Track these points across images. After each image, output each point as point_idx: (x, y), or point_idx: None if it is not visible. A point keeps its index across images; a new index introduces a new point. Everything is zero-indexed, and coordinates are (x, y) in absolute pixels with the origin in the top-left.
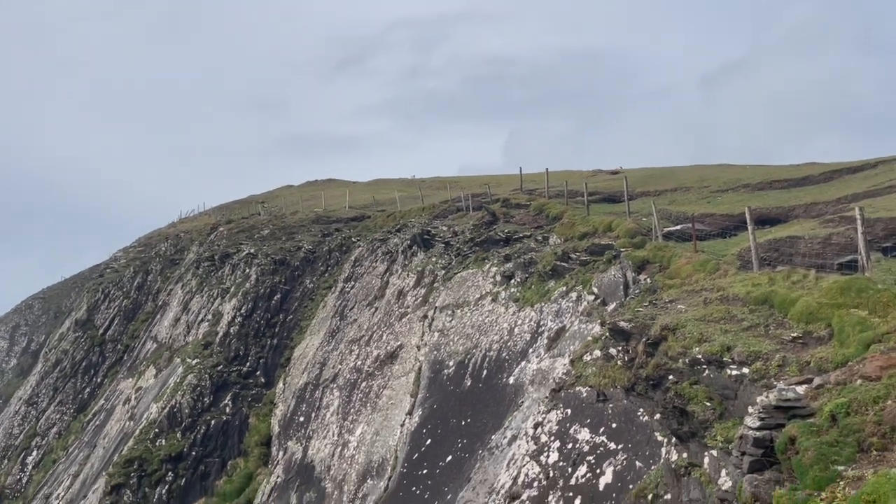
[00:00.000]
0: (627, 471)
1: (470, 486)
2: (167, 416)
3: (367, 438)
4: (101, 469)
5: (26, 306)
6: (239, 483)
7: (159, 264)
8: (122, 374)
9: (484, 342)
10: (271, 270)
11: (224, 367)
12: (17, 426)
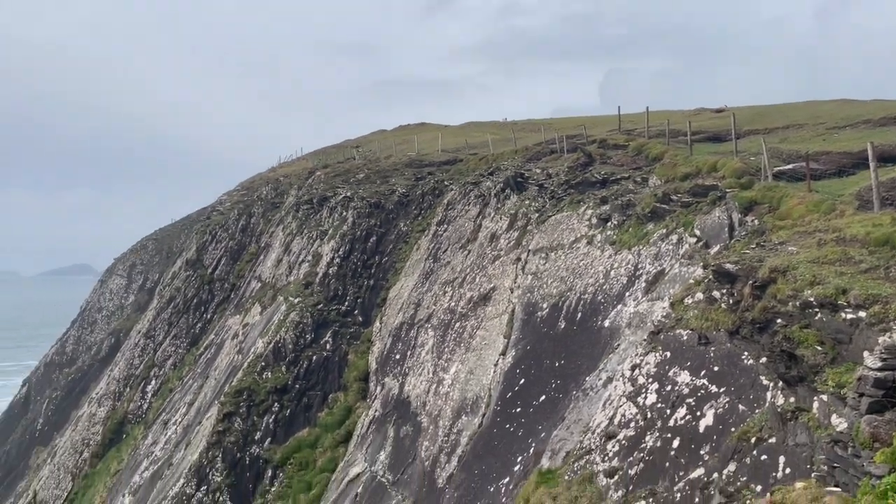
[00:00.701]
0: (729, 414)
1: (564, 426)
2: (272, 350)
3: (462, 377)
4: (213, 398)
5: (141, 246)
6: (339, 415)
7: (261, 207)
8: (229, 311)
9: (578, 285)
10: (367, 213)
11: (324, 305)
12: (137, 357)
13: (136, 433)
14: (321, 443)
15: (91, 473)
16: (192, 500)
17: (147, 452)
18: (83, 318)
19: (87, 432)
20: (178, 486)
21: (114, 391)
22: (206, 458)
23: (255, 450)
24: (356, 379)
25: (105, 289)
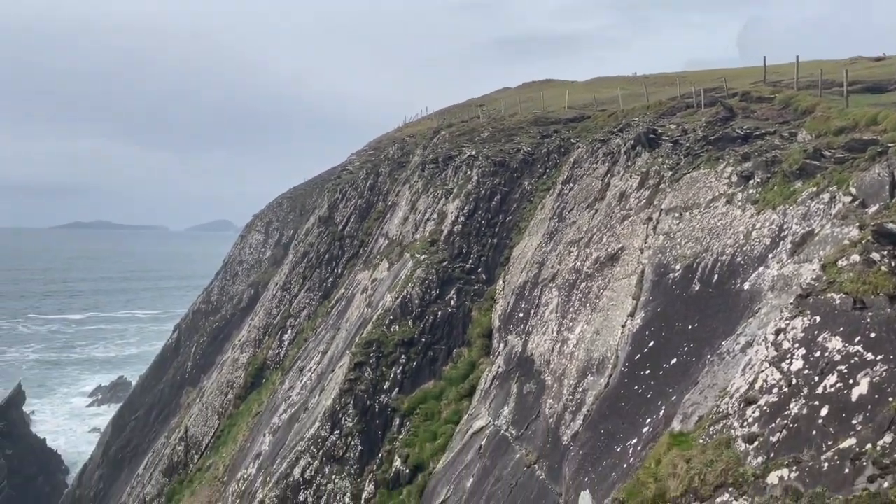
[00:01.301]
0: (887, 383)
1: (697, 390)
2: (399, 305)
3: (587, 337)
4: (344, 349)
5: (277, 204)
6: (463, 370)
7: (388, 167)
8: (358, 266)
9: (715, 246)
10: (491, 172)
11: (449, 263)
12: (274, 308)
13: (275, 378)
14: (446, 395)
15: (235, 413)
16: (327, 442)
17: (284, 397)
18: (226, 271)
19: (231, 375)
20: (313, 428)
21: (254, 339)
22: (339, 405)
23: (384, 399)
24: (479, 335)
25: (245, 244)
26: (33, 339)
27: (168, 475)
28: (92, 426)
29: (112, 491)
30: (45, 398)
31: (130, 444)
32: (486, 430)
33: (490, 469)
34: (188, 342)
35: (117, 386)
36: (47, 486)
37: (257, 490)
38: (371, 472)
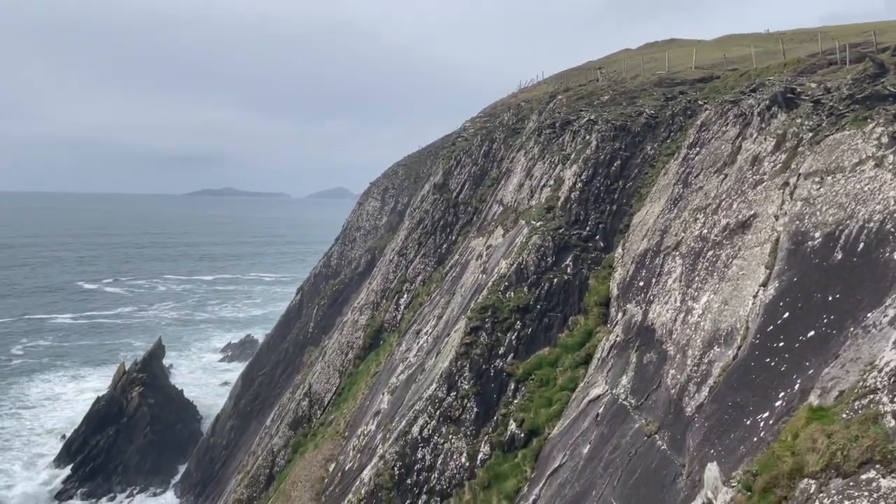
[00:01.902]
0: None
1: (837, 363)
2: (515, 271)
3: (714, 307)
4: (459, 313)
5: (392, 172)
6: (579, 338)
7: (502, 133)
8: (472, 233)
9: (861, 213)
10: (611, 137)
11: (565, 230)
12: (391, 273)
13: (392, 340)
14: (561, 362)
15: (354, 372)
16: (443, 403)
17: (402, 358)
18: (344, 236)
19: (350, 336)
20: (430, 389)
21: (372, 301)
22: (455, 367)
23: (499, 363)
24: (596, 303)
25: (362, 210)
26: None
27: (294, 428)
28: (223, 380)
29: (242, 440)
30: (181, 353)
31: (258, 397)
32: (604, 399)
33: (608, 437)
34: (310, 304)
35: (245, 343)
36: (185, 433)
37: (377, 445)
38: (486, 433)
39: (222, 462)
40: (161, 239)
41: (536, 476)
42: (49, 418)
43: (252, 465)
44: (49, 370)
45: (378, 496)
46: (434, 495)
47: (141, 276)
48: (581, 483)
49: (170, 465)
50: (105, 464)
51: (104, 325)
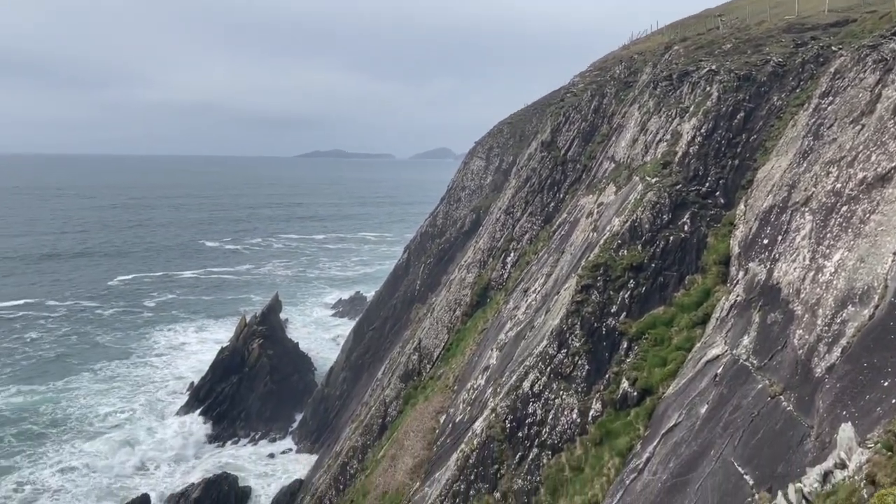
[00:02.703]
0: None
1: None
2: (628, 229)
3: (848, 265)
4: (569, 271)
5: (497, 130)
6: (696, 297)
7: (613, 87)
8: (581, 191)
9: None
10: (734, 87)
11: (682, 186)
12: (498, 231)
13: (498, 298)
14: (676, 322)
15: (462, 329)
16: (554, 360)
17: (510, 315)
18: (450, 196)
19: (458, 294)
20: (541, 346)
21: (479, 260)
22: (566, 325)
23: (611, 322)
24: (715, 262)
25: (467, 170)
26: (284, 256)
27: (404, 381)
28: (334, 334)
29: (354, 391)
30: (296, 307)
31: (369, 351)
32: (723, 359)
33: (727, 398)
34: (416, 262)
35: (354, 300)
36: (301, 383)
37: (488, 399)
38: (598, 391)
39: (336, 411)
40: (275, 200)
41: (650, 434)
42: (177, 366)
43: (365, 414)
44: (176, 322)
45: (490, 447)
46: (545, 449)
47: (257, 235)
48: (698, 442)
49: (287, 413)
50: (230, 410)
51: (224, 280)
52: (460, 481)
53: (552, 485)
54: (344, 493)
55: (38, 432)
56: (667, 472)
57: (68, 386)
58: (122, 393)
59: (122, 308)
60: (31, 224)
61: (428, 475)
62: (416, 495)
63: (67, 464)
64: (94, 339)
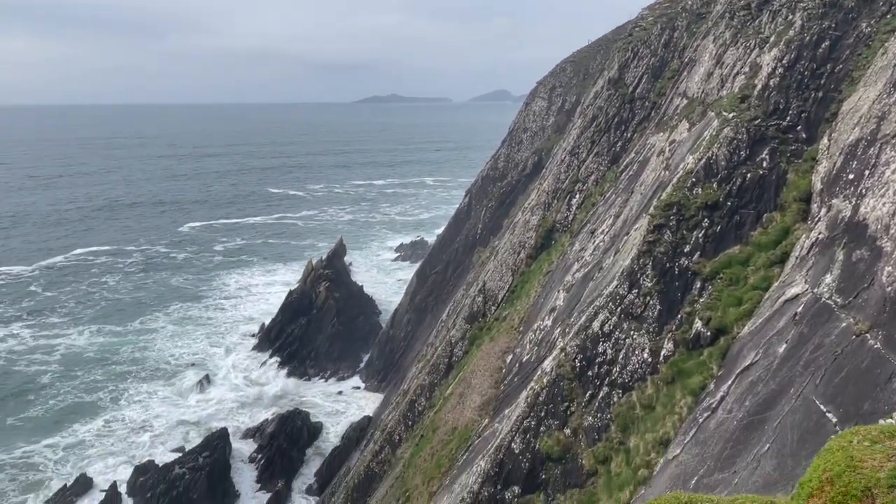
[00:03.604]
0: None
1: None
2: (703, 167)
3: None
4: (639, 211)
5: (560, 69)
6: (774, 235)
7: (685, 19)
8: (649, 129)
9: None
10: (819, 14)
11: (761, 121)
12: (563, 173)
13: (563, 240)
14: (753, 261)
15: (526, 271)
16: (625, 300)
17: (576, 257)
18: (511, 138)
19: (522, 237)
20: (611, 286)
21: (543, 202)
22: (637, 265)
23: (684, 261)
24: (795, 199)
25: (529, 111)
26: (345, 202)
27: (469, 322)
28: (397, 278)
29: (418, 333)
30: (359, 252)
31: (432, 294)
32: (803, 298)
33: (807, 337)
34: (478, 206)
35: (415, 244)
36: (366, 325)
37: (556, 339)
38: (670, 331)
39: (401, 352)
40: (334, 147)
41: (724, 374)
42: (246, 309)
43: (431, 354)
44: (244, 266)
45: (560, 385)
46: (615, 387)
47: (318, 182)
48: (776, 381)
49: (354, 353)
50: (299, 350)
51: (289, 226)
52: (531, 418)
53: (623, 422)
54: (412, 428)
55: (121, 371)
56: (742, 410)
57: (145, 327)
58: (195, 334)
59: (193, 253)
60: (105, 174)
61: (497, 412)
62: (485, 431)
63: (148, 401)
64: (167, 283)
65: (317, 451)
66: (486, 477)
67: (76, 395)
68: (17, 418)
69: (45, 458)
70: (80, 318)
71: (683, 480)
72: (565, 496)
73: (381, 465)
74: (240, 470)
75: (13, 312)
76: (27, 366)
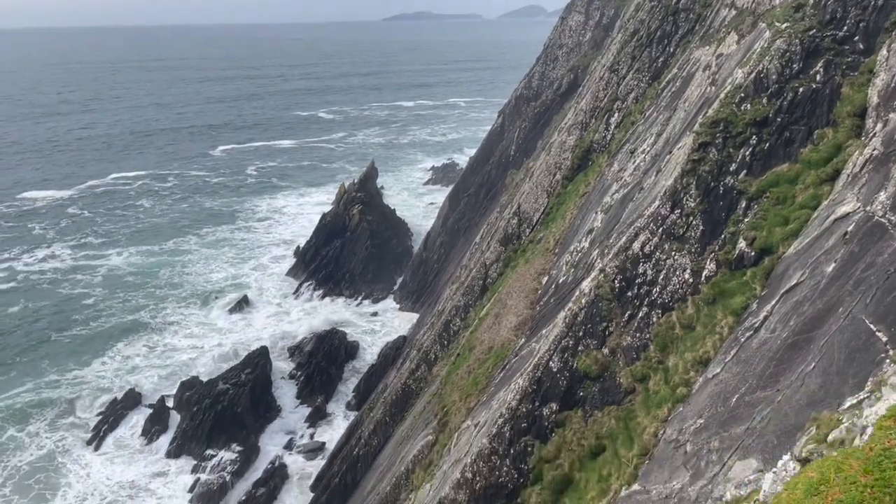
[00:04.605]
0: None
1: None
2: (752, 81)
3: None
4: (683, 129)
5: None
6: (826, 152)
7: None
8: (693, 43)
9: None
10: None
11: (817, 31)
12: (601, 91)
13: (601, 161)
14: (802, 179)
15: (562, 193)
16: (667, 220)
17: (615, 177)
18: (546, 56)
19: (558, 157)
20: (652, 207)
21: (580, 122)
22: (680, 185)
23: (730, 180)
24: (849, 114)
25: (564, 26)
26: (376, 124)
27: (504, 244)
28: (429, 201)
29: (451, 255)
30: (391, 174)
31: (465, 217)
32: (854, 217)
33: (858, 255)
34: (511, 127)
35: (447, 167)
36: (399, 248)
37: (594, 261)
38: (712, 251)
39: (434, 274)
40: (362, 68)
41: (768, 294)
42: (279, 231)
43: (465, 276)
44: (276, 189)
45: (598, 305)
46: (655, 308)
47: (348, 104)
48: (824, 301)
49: (388, 275)
50: (334, 272)
51: (320, 148)
52: (569, 337)
53: (662, 342)
54: (448, 347)
55: (161, 295)
56: (787, 329)
57: (179, 248)
58: (230, 256)
59: (226, 176)
60: (136, 98)
61: (533, 332)
62: (522, 350)
63: (189, 322)
64: (202, 206)
65: (354, 370)
66: (524, 394)
67: (119, 316)
68: (66, 336)
69: (95, 375)
70: (117, 240)
71: (724, 398)
72: (603, 412)
73: (418, 382)
74: (280, 387)
75: (53, 234)
76: (71, 287)
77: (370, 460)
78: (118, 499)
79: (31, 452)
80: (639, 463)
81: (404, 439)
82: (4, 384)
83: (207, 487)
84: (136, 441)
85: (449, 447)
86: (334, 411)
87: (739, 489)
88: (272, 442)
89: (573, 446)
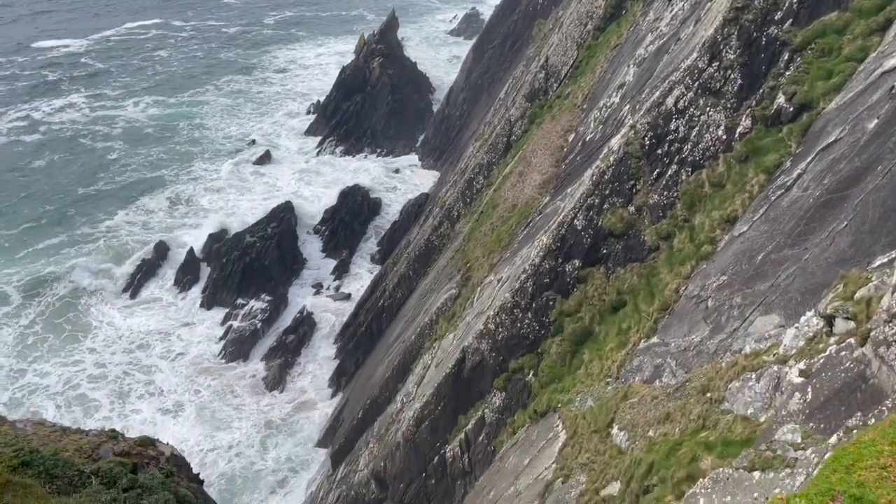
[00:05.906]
0: None
1: None
2: None
3: None
4: None
5: None
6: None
7: None
8: None
9: None
10: None
11: None
12: None
13: (636, 9)
14: (850, 30)
15: (593, 45)
16: (703, 74)
17: (650, 28)
18: None
19: (589, 6)
20: (689, 59)
21: None
22: (721, 35)
23: (773, 31)
24: None
25: None
26: None
27: (530, 100)
28: (451, 54)
29: (474, 111)
30: (412, 25)
31: (489, 71)
32: None
33: None
34: None
35: (470, 17)
36: (421, 103)
37: (625, 117)
38: (749, 107)
39: (457, 130)
40: None
41: (803, 151)
42: (298, 84)
43: (489, 133)
44: (294, 40)
45: (626, 163)
46: (685, 166)
47: None
48: (862, 158)
49: (410, 131)
50: (356, 127)
51: None
52: (595, 195)
53: (689, 200)
54: (471, 205)
55: (182, 151)
56: (820, 188)
57: (196, 99)
58: (247, 109)
59: (242, 26)
60: None
61: (558, 190)
62: (546, 208)
63: (212, 176)
64: (217, 56)
65: (377, 226)
66: (548, 251)
67: (142, 172)
68: (93, 190)
69: (126, 227)
70: (134, 91)
71: (749, 256)
72: (625, 269)
73: (441, 238)
74: (305, 241)
75: (69, 84)
76: (93, 140)
77: (395, 311)
78: (150, 342)
79: (62, 295)
80: (659, 317)
81: (428, 292)
82: (39, 232)
83: (239, 334)
84: (169, 291)
85: (472, 300)
86: (359, 264)
87: (759, 343)
88: (300, 293)
89: (594, 301)
